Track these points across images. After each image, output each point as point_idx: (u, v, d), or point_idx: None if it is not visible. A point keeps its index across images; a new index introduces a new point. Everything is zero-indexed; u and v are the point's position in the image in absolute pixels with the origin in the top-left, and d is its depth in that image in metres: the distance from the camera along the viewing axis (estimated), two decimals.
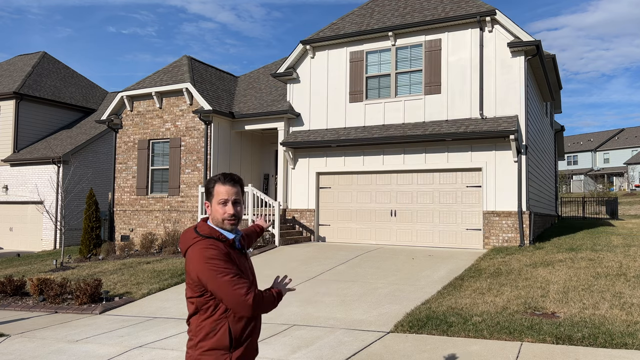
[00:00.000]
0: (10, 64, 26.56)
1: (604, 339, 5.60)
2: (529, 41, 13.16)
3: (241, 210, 2.66)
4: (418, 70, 14.76)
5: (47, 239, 21.30)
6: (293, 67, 16.40)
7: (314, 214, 15.69)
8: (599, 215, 28.66)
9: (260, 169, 19.00)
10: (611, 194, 46.54)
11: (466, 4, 14.54)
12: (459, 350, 5.60)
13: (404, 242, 14.42)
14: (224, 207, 2.60)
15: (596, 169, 65.58)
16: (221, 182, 2.61)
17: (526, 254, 11.42)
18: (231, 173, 2.70)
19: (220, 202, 2.60)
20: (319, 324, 6.97)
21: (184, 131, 16.98)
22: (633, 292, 7.71)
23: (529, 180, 13.88)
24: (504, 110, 13.54)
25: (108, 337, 6.93)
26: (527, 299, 7.56)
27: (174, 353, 6.02)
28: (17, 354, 6.37)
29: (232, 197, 2.60)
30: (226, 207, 2.59)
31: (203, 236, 2.59)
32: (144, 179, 17.59)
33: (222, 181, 2.61)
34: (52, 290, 9.34)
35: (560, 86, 21.14)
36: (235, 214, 2.60)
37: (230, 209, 2.59)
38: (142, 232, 17.11)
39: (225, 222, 2.61)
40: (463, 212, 13.85)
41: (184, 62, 18.65)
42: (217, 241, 2.58)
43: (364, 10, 16.59)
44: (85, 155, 22.17)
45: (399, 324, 6.62)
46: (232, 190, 2.61)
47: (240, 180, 2.69)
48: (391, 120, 14.90)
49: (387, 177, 14.90)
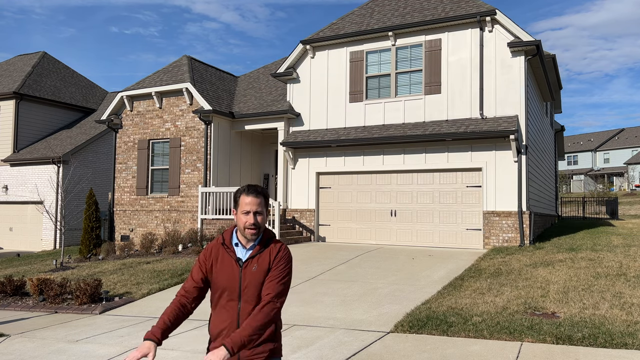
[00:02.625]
0: (10, 64, 26.56)
1: (604, 339, 5.60)
2: (529, 41, 13.16)
3: (264, 219, 2.86)
4: (418, 70, 14.76)
5: (47, 239, 21.30)
6: (293, 67, 16.39)
7: (314, 214, 15.69)
8: (599, 215, 28.65)
9: (260, 169, 19.00)
10: (611, 194, 46.54)
11: (466, 4, 14.54)
12: (459, 350, 5.60)
13: (404, 242, 14.42)
14: (246, 217, 2.82)
15: (596, 169, 65.57)
16: (246, 193, 2.85)
17: (526, 254, 11.41)
18: (256, 185, 2.92)
19: (243, 212, 2.83)
20: (319, 324, 6.97)
21: (184, 131, 16.98)
22: (633, 292, 7.71)
23: (529, 180, 13.88)
24: (504, 110, 13.54)
25: (108, 337, 6.93)
26: (527, 299, 7.56)
27: (174, 353, 6.02)
28: (17, 354, 6.37)
29: (254, 207, 2.82)
30: (248, 217, 2.82)
31: (221, 236, 2.99)
32: (144, 179, 17.59)
33: (246, 192, 2.85)
34: (52, 290, 9.33)
35: (561, 86, 21.15)
36: (255, 223, 2.81)
37: (251, 219, 2.81)
38: (142, 232, 17.10)
39: (246, 230, 2.82)
40: (463, 212, 13.85)
41: (184, 62, 18.64)
42: (219, 237, 2.93)
43: (364, 10, 16.59)
44: (85, 155, 22.17)
45: (399, 324, 6.62)
46: (255, 201, 2.83)
47: (264, 192, 2.90)
48: (391, 120, 14.90)
49: (387, 177, 14.90)
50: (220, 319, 2.84)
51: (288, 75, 16.35)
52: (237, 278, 2.82)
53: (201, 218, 15.67)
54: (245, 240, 2.86)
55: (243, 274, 2.82)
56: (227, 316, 2.82)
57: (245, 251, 2.87)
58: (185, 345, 6.32)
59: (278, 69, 16.63)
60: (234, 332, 2.69)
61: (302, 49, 16.18)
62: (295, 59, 16.36)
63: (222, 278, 2.83)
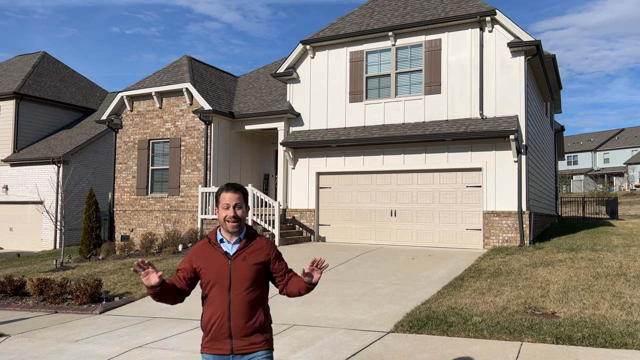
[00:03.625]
0: (10, 64, 26.56)
1: (604, 339, 5.60)
2: (529, 41, 13.16)
3: (243, 213, 3.08)
4: (418, 70, 14.76)
5: (47, 239, 21.30)
6: (293, 67, 16.40)
7: (314, 214, 15.69)
8: (599, 215, 28.66)
9: (260, 169, 19.00)
10: (611, 194, 46.54)
11: (466, 4, 14.54)
12: (459, 350, 5.60)
13: (404, 242, 14.42)
14: (226, 211, 3.05)
15: (596, 169, 65.58)
16: (225, 190, 3.10)
17: (526, 254, 11.41)
18: (234, 183, 3.18)
19: (223, 207, 3.06)
20: (319, 324, 6.97)
21: (184, 131, 16.98)
22: (633, 292, 7.71)
23: (529, 180, 13.88)
24: (504, 110, 13.54)
25: (108, 337, 6.93)
26: (527, 299, 7.56)
27: (174, 353, 6.02)
28: (17, 354, 6.37)
29: (233, 202, 3.05)
30: (228, 211, 3.04)
31: (207, 237, 3.20)
32: (144, 179, 17.59)
33: (225, 190, 3.10)
34: (52, 290, 9.33)
35: (561, 86, 21.16)
36: (235, 216, 3.04)
37: (231, 212, 3.04)
38: (142, 232, 17.11)
39: (227, 223, 3.05)
40: (463, 212, 13.85)
41: (184, 62, 18.64)
42: (205, 238, 3.16)
43: (364, 10, 16.59)
44: (85, 155, 22.17)
45: (399, 324, 6.62)
46: (234, 196, 3.06)
47: (242, 188, 3.14)
48: (391, 120, 14.90)
49: (387, 177, 14.90)
50: (212, 310, 3.01)
51: (288, 75, 16.35)
52: (227, 270, 3.01)
53: (201, 218, 15.68)
54: (229, 235, 3.07)
55: (233, 266, 3.02)
56: (217, 307, 2.99)
57: (231, 245, 3.07)
58: (185, 345, 6.32)
59: (278, 69, 16.63)
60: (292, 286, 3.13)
61: (302, 49, 16.18)
62: (295, 59, 16.36)
63: (211, 272, 3.01)
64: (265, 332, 3.08)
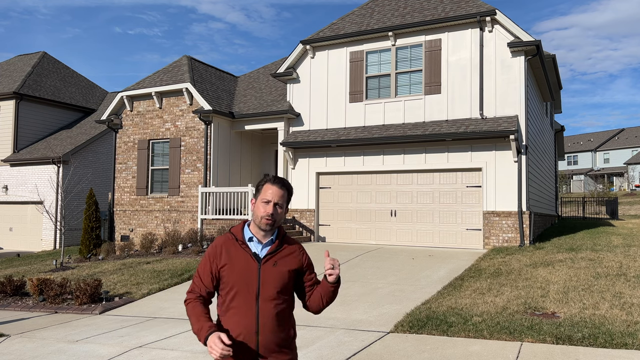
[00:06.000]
0: (10, 64, 26.56)
1: (604, 339, 5.60)
2: (529, 41, 13.16)
3: (282, 214, 2.71)
4: (418, 70, 14.76)
5: (47, 239, 21.30)
6: (293, 67, 16.39)
7: (314, 214, 15.69)
8: (599, 215, 28.65)
9: (260, 169, 19.00)
10: (611, 194, 46.53)
11: (466, 4, 14.54)
12: (459, 350, 5.60)
13: (404, 242, 14.41)
14: (265, 206, 2.66)
15: (596, 169, 65.57)
16: (271, 182, 2.71)
17: (526, 254, 11.41)
18: (283, 178, 2.81)
19: (264, 201, 2.68)
20: (319, 324, 6.96)
21: (184, 131, 16.98)
22: (633, 292, 7.71)
23: (529, 180, 13.88)
24: (504, 110, 13.54)
25: (108, 337, 6.93)
26: (527, 299, 7.56)
27: (174, 353, 6.02)
28: (17, 354, 6.37)
29: (276, 198, 2.68)
30: (268, 206, 2.66)
31: (229, 231, 2.79)
32: (143, 179, 17.59)
33: (272, 182, 2.72)
34: (52, 291, 9.33)
35: (561, 86, 21.15)
36: (273, 214, 2.66)
37: (270, 209, 2.66)
38: (142, 232, 17.10)
39: (262, 219, 2.66)
40: (463, 212, 13.85)
41: (184, 62, 18.64)
42: (228, 234, 2.74)
43: (364, 10, 16.58)
44: (85, 155, 22.16)
45: (399, 324, 6.62)
46: (279, 192, 2.69)
47: (290, 186, 2.78)
48: (391, 120, 14.90)
49: (387, 177, 14.89)
50: (235, 322, 2.59)
51: (288, 75, 16.35)
52: (255, 275, 2.61)
53: (201, 218, 15.67)
54: (262, 234, 2.68)
55: (262, 270, 2.63)
56: (242, 318, 2.58)
57: (261, 246, 2.69)
58: (185, 345, 6.32)
59: (278, 69, 16.63)
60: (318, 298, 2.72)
61: (302, 49, 16.18)
62: (295, 59, 16.36)
63: (236, 275, 2.60)
64: (293, 348, 2.71)
